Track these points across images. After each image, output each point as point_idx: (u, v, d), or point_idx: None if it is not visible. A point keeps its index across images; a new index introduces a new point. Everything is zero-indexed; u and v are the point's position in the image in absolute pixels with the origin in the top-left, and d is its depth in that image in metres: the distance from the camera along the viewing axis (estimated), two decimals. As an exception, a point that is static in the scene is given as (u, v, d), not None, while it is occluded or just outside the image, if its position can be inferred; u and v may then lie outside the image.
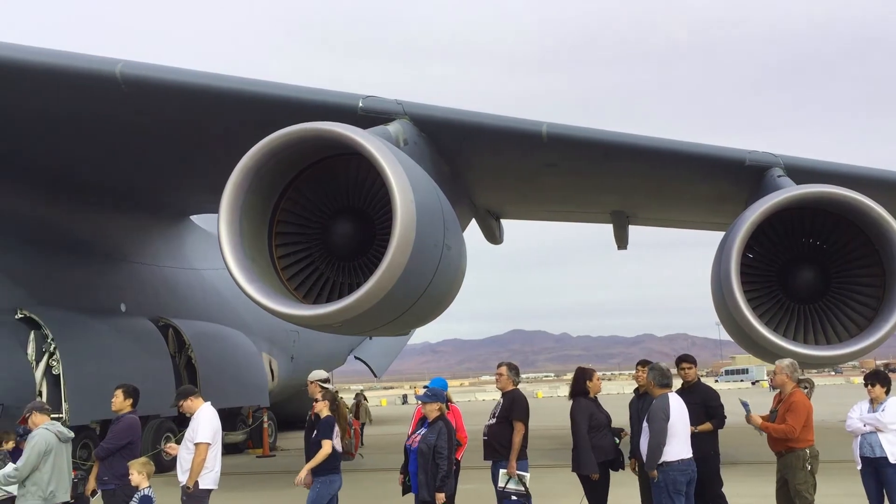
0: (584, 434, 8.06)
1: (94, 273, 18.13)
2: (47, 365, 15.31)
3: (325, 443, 7.98)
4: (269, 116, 11.99)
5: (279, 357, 24.32)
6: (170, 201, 19.98)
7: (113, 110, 13.75)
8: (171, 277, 20.92)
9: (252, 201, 10.68)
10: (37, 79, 12.92)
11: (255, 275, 10.51)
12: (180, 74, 13.43)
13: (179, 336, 19.29)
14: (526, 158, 15.23)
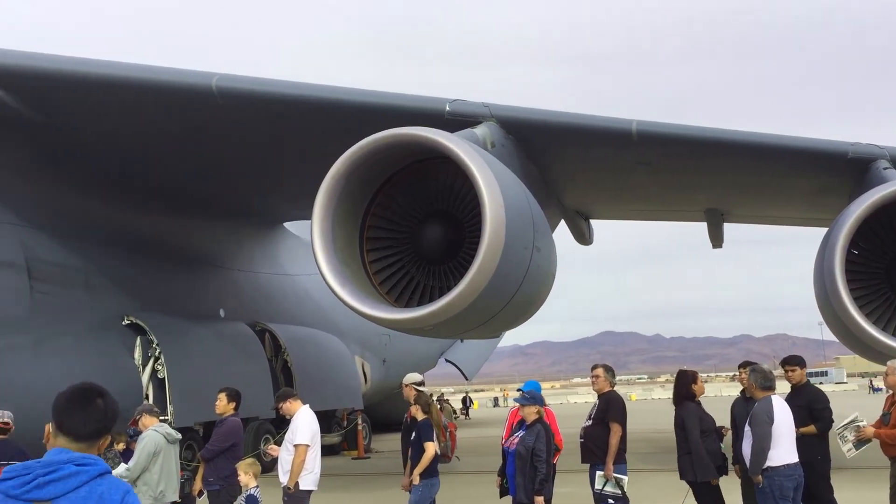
0: (698, 439, 7.75)
1: (195, 280, 18.80)
2: (153, 369, 15.95)
3: (429, 445, 8.03)
4: (358, 123, 12.18)
5: (371, 360, 24.65)
6: (264, 209, 20.52)
7: (209, 122, 14.21)
8: (267, 283, 21.50)
9: (343, 207, 10.86)
10: (137, 95, 13.46)
11: (347, 279, 10.68)
12: (273, 85, 13.79)
13: (275, 340, 19.78)
14: (615, 157, 15.01)
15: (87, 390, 3.01)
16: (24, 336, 14.19)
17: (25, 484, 2.72)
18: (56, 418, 2.90)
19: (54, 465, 2.76)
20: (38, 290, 14.66)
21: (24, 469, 2.75)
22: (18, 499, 2.70)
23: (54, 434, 2.90)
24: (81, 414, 2.91)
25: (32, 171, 15.09)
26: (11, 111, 13.57)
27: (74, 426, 2.88)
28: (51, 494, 2.70)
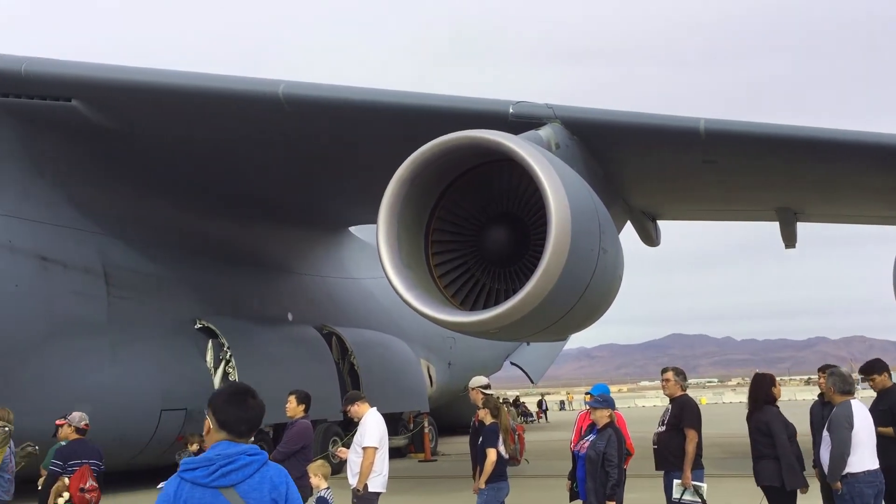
0: (787, 445, 7.47)
1: (264, 284, 19.15)
2: (224, 371, 16.31)
3: (490, 451, 8.01)
4: (423, 127, 12.24)
5: (437, 363, 24.73)
6: (331, 214, 20.79)
7: (276, 129, 14.47)
8: (334, 287, 21.77)
9: (408, 210, 10.91)
10: (206, 103, 13.79)
11: (412, 282, 10.73)
12: (338, 91, 13.97)
13: (342, 343, 20.01)
14: (683, 157, 14.75)
15: (241, 392, 3.38)
16: (102, 339, 14.67)
17: (211, 474, 3.10)
18: (218, 417, 3.26)
19: (232, 457, 3.14)
20: (114, 295, 15.14)
21: (206, 461, 3.13)
22: (207, 486, 3.09)
23: (216, 430, 3.25)
24: (239, 412, 3.27)
25: (108, 180, 15.60)
26: (89, 122, 14.05)
27: (235, 424, 3.25)
28: (233, 481, 3.11)
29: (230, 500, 3.10)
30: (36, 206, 14.15)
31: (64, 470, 8.16)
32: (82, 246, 14.75)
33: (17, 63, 13.68)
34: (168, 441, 15.26)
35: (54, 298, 13.86)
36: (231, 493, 3.11)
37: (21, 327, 13.14)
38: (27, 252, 13.62)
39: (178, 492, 3.13)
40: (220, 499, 3.10)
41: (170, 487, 3.16)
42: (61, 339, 13.77)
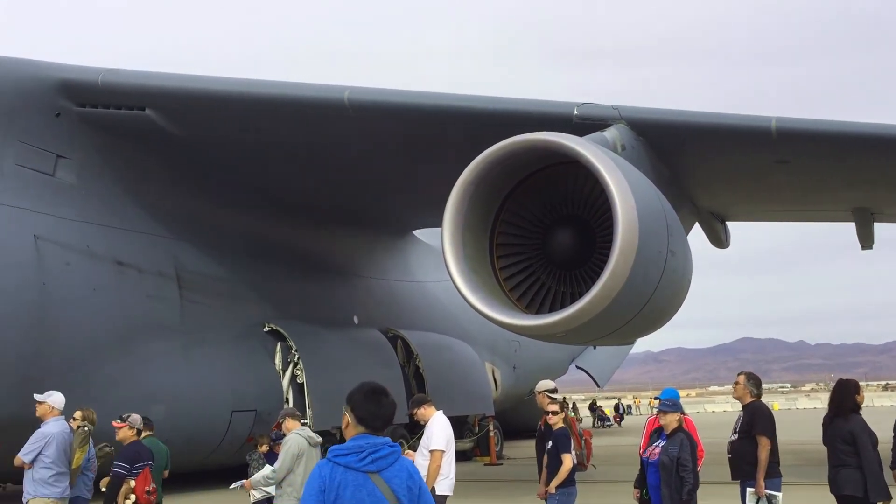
0: (872, 455, 7.18)
1: (330, 288, 19.39)
2: (292, 374, 16.57)
3: (566, 457, 7.93)
4: (486, 130, 12.24)
5: (501, 366, 24.65)
6: (395, 218, 20.93)
7: (341, 134, 14.64)
8: (398, 290, 21.91)
9: (473, 214, 10.92)
10: (273, 110, 14.04)
11: (477, 286, 10.73)
12: (401, 96, 14.08)
13: (407, 346, 20.11)
14: (753, 157, 14.41)
15: (376, 390, 3.72)
16: (175, 341, 15.05)
17: (361, 459, 3.50)
18: (357, 413, 3.63)
19: (377, 446, 3.56)
20: (187, 299, 15.52)
21: (356, 448, 3.53)
22: (358, 470, 3.49)
23: (354, 425, 3.62)
24: (376, 409, 3.64)
25: (180, 187, 16.00)
26: (161, 130, 14.44)
27: (372, 420, 3.62)
28: (378, 467, 3.52)
29: (376, 484, 3.50)
30: (112, 212, 14.60)
31: (129, 472, 8.36)
32: (156, 250, 15.17)
33: (93, 74, 14.15)
34: (238, 442, 15.56)
35: (130, 302, 14.28)
36: (377, 477, 3.51)
37: (99, 329, 13.57)
38: (104, 257, 14.06)
39: (333, 474, 3.48)
40: (368, 481, 3.49)
41: (323, 470, 3.51)
42: (136, 341, 14.18)
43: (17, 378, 11.95)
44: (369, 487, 3.48)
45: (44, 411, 8.35)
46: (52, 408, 8.34)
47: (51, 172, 13.81)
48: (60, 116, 13.88)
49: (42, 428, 8.25)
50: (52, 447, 8.02)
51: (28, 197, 13.16)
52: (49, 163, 13.80)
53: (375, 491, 3.48)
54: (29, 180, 13.34)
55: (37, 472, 8.01)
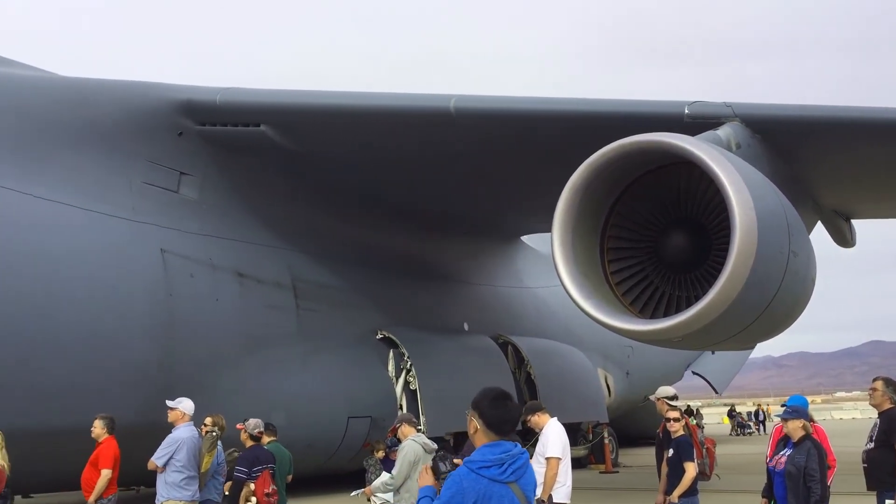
0: None
1: (440, 295, 19.57)
2: (405, 381, 16.79)
3: (689, 465, 7.73)
4: (594, 133, 12.09)
5: (614, 372, 24.25)
6: (503, 224, 20.94)
7: (448, 142, 14.78)
8: (508, 296, 21.88)
9: (583, 218, 10.79)
10: (380, 121, 14.32)
11: (589, 291, 10.59)
12: (508, 102, 14.09)
13: (518, 353, 20.06)
14: (881, 151, 13.68)
15: (502, 395, 3.83)
16: (292, 349, 15.51)
17: (504, 472, 3.62)
18: (485, 419, 3.72)
19: (514, 455, 3.67)
20: (302, 308, 15.98)
21: (497, 459, 3.63)
22: (501, 482, 3.60)
23: (484, 431, 3.70)
24: (504, 414, 3.74)
25: (294, 199, 16.51)
26: (276, 145, 14.94)
27: (500, 424, 3.72)
28: (516, 476, 3.65)
29: (516, 494, 3.63)
30: (232, 225, 15.19)
31: (249, 475, 8.66)
32: (273, 262, 15.69)
33: (212, 94, 14.78)
34: (355, 448, 15.87)
35: (250, 311, 14.80)
36: (515, 487, 3.64)
37: (222, 338, 14.12)
38: (226, 268, 14.64)
39: (475, 486, 3.58)
40: (509, 492, 3.62)
41: (465, 480, 3.59)
42: (257, 350, 14.68)
43: (149, 385, 12.56)
44: (510, 497, 3.60)
45: (175, 417, 8.76)
46: (183, 414, 8.74)
47: (175, 189, 14.49)
48: (183, 135, 14.55)
49: (173, 433, 8.66)
50: (183, 451, 8.41)
51: (154, 213, 13.85)
52: (173, 180, 14.49)
53: (515, 501, 3.60)
54: (155, 197, 14.04)
55: (168, 475, 8.40)
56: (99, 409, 9.79)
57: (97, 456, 8.98)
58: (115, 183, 13.50)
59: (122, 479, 14.78)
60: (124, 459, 9.17)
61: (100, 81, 15.09)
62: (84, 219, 12.71)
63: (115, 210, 13.21)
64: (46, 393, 11.43)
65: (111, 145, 13.66)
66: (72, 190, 12.77)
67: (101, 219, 12.94)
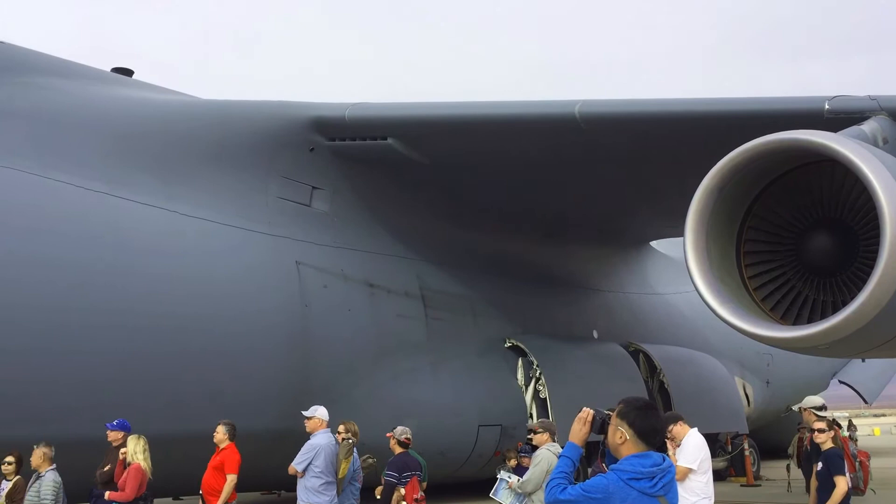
0: None
1: (568, 302, 19.37)
2: (535, 389, 16.69)
3: (839, 479, 7.33)
4: (727, 134, 11.65)
5: (753, 381, 23.28)
6: (631, 229, 20.52)
7: (573, 149, 14.62)
8: (637, 303, 21.41)
9: (717, 221, 10.41)
10: (505, 130, 14.32)
11: (726, 296, 10.19)
12: (635, 105, 13.80)
13: (650, 361, 19.57)
14: None
15: (649, 404, 3.89)
16: (422, 358, 15.72)
17: (654, 485, 3.64)
18: (636, 429, 3.72)
19: (664, 468, 3.68)
20: (432, 317, 16.17)
21: (648, 473, 3.64)
22: (652, 496, 3.63)
23: (634, 441, 3.70)
24: (655, 422, 3.79)
25: (422, 209, 16.75)
26: (402, 157, 15.21)
27: (651, 434, 3.74)
28: (665, 490, 3.67)
29: None
30: (362, 237, 15.57)
31: (399, 481, 8.84)
32: (402, 272, 15.96)
33: (341, 110, 15.21)
34: (486, 456, 15.90)
35: (381, 321, 15.11)
36: (664, 501, 3.65)
37: (355, 348, 14.47)
38: (357, 279, 15.02)
39: (624, 495, 3.58)
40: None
41: (613, 488, 3.58)
42: (388, 358, 14.96)
43: (287, 393, 13.01)
44: None
45: (314, 425, 9.04)
46: (320, 421, 9.01)
47: (307, 203, 14.99)
48: (314, 151, 15.05)
49: (311, 439, 8.94)
50: (321, 458, 8.66)
51: (289, 226, 14.37)
52: (305, 194, 15.00)
53: None
54: (289, 211, 14.58)
55: (308, 480, 8.68)
56: (239, 417, 10.22)
57: (221, 461, 9.30)
58: (252, 199, 14.10)
59: (264, 484, 15.49)
60: (265, 464, 9.53)
61: (236, 102, 15.83)
62: (225, 234, 13.33)
63: (252, 225, 13.80)
64: (189, 400, 12.00)
65: (247, 163, 14.29)
66: (213, 207, 13.43)
67: (241, 233, 13.54)
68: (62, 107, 12.74)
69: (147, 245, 12.18)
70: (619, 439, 3.71)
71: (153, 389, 11.63)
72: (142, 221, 12.34)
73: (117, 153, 12.79)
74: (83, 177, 12.04)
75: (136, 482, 8.71)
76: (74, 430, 10.58)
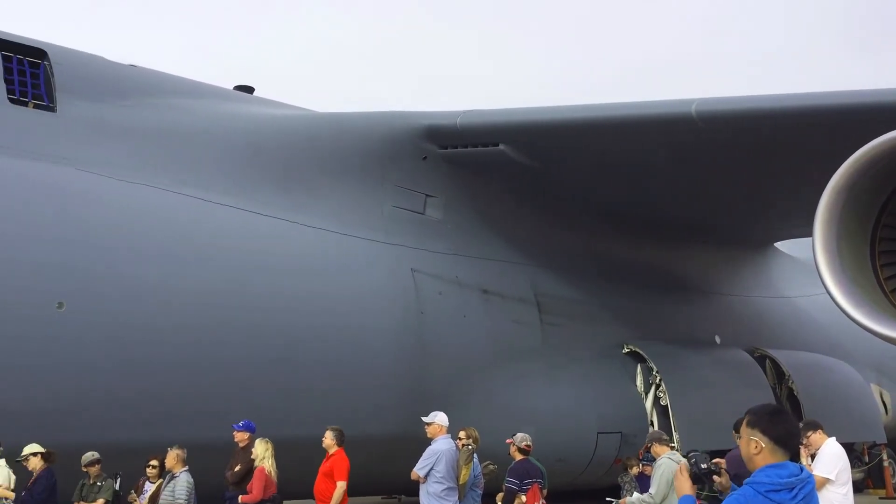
0: None
1: (688, 307, 18.82)
2: (655, 396, 16.28)
3: None
4: (854, 128, 11.08)
5: (891, 388, 21.97)
6: (754, 230, 19.78)
7: (690, 149, 14.22)
8: (762, 307, 20.60)
9: (848, 221, 9.93)
10: (619, 132, 14.06)
11: (860, 298, 9.69)
12: (755, 102, 13.29)
13: (777, 367, 18.79)
14: None
15: (779, 409, 3.74)
16: (538, 364, 15.60)
17: (794, 497, 3.50)
18: (772, 435, 3.56)
19: (803, 479, 3.53)
20: (546, 322, 16.05)
21: (786, 483, 3.51)
22: None
23: (771, 450, 3.53)
24: (789, 428, 3.63)
25: (534, 215, 16.67)
26: (514, 162, 15.18)
27: (787, 439, 3.59)
28: (806, 502, 3.51)
29: None
30: (475, 244, 15.63)
31: (520, 487, 8.82)
32: (516, 278, 15.91)
33: (452, 118, 15.33)
34: (606, 464, 15.62)
35: (496, 327, 15.10)
36: None
37: (471, 353, 14.52)
38: (471, 286, 15.08)
39: None
40: None
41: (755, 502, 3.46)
42: (504, 364, 14.93)
43: (405, 398, 13.19)
44: None
45: (434, 431, 9.13)
46: (441, 427, 9.09)
47: (421, 211, 15.18)
48: (427, 159, 15.23)
49: (432, 445, 9.02)
50: (442, 463, 8.73)
51: (404, 235, 14.59)
52: (419, 202, 15.19)
53: None
54: (404, 220, 14.80)
55: (430, 485, 8.76)
56: (358, 422, 10.41)
57: (331, 468, 9.47)
58: (369, 208, 14.40)
59: (384, 488, 15.75)
60: (385, 469, 9.67)
61: (350, 114, 16.21)
62: (344, 243, 13.68)
63: (370, 234, 14.09)
64: (309, 406, 12.32)
65: (363, 173, 14.60)
66: (332, 217, 13.80)
67: (359, 243, 13.85)
68: (191, 125, 13.38)
69: (273, 256, 12.64)
70: (753, 450, 3.54)
71: (276, 396, 12.03)
72: (267, 233, 12.82)
73: (243, 168, 13.35)
74: (212, 191, 12.62)
75: (261, 484, 9.06)
76: (204, 434, 11.06)
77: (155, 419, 10.96)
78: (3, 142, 11.09)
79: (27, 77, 11.75)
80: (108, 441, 10.47)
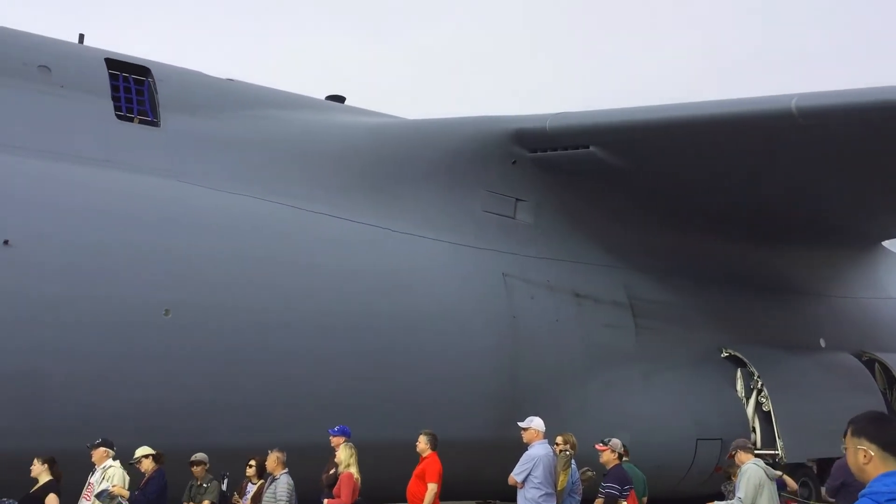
0: None
1: (790, 309, 18.18)
2: (756, 402, 15.77)
3: None
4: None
5: None
6: (860, 229, 18.95)
7: (789, 146, 13.74)
8: (870, 309, 19.73)
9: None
10: (713, 130, 13.69)
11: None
12: (856, 96, 12.73)
13: (887, 372, 17.99)
14: None
15: (882, 415, 3.58)
16: (633, 368, 15.34)
17: None
18: (880, 441, 3.40)
19: None
20: (641, 326, 15.76)
21: None
22: None
23: (882, 457, 3.37)
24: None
25: (626, 217, 16.40)
26: (605, 164, 14.98)
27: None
28: None
29: None
30: (566, 247, 15.49)
31: (620, 493, 8.69)
32: (609, 281, 15.69)
33: (542, 121, 15.24)
34: (706, 471, 15.21)
35: (589, 331, 14.92)
36: None
37: (564, 358, 14.39)
38: (563, 289, 14.94)
39: None
40: None
41: None
42: (598, 369, 14.74)
43: (499, 403, 13.17)
44: None
45: (530, 436, 9.07)
46: (537, 432, 9.03)
47: (511, 215, 15.14)
48: (516, 163, 15.18)
49: (529, 450, 8.97)
50: (540, 469, 8.67)
51: (495, 239, 14.58)
52: (510, 207, 15.16)
53: None
54: (495, 224, 14.79)
55: (528, 491, 8.71)
56: (452, 426, 10.43)
57: (423, 470, 9.56)
58: (460, 213, 14.45)
59: (479, 493, 15.74)
60: (480, 473, 9.66)
61: (439, 120, 16.31)
62: (435, 248, 13.77)
63: (461, 239, 14.14)
64: (404, 410, 12.44)
65: (454, 178, 14.66)
66: (423, 222, 13.91)
67: (450, 248, 13.92)
68: (286, 136, 13.73)
69: (367, 263, 12.84)
70: (863, 460, 3.36)
71: (372, 400, 12.19)
72: (361, 240, 13.03)
73: (336, 176, 13.61)
74: (307, 199, 12.92)
75: (349, 489, 9.23)
76: (303, 437, 11.30)
77: (256, 424, 11.25)
78: (112, 156, 11.63)
79: (132, 94, 12.28)
80: (213, 444, 10.81)
